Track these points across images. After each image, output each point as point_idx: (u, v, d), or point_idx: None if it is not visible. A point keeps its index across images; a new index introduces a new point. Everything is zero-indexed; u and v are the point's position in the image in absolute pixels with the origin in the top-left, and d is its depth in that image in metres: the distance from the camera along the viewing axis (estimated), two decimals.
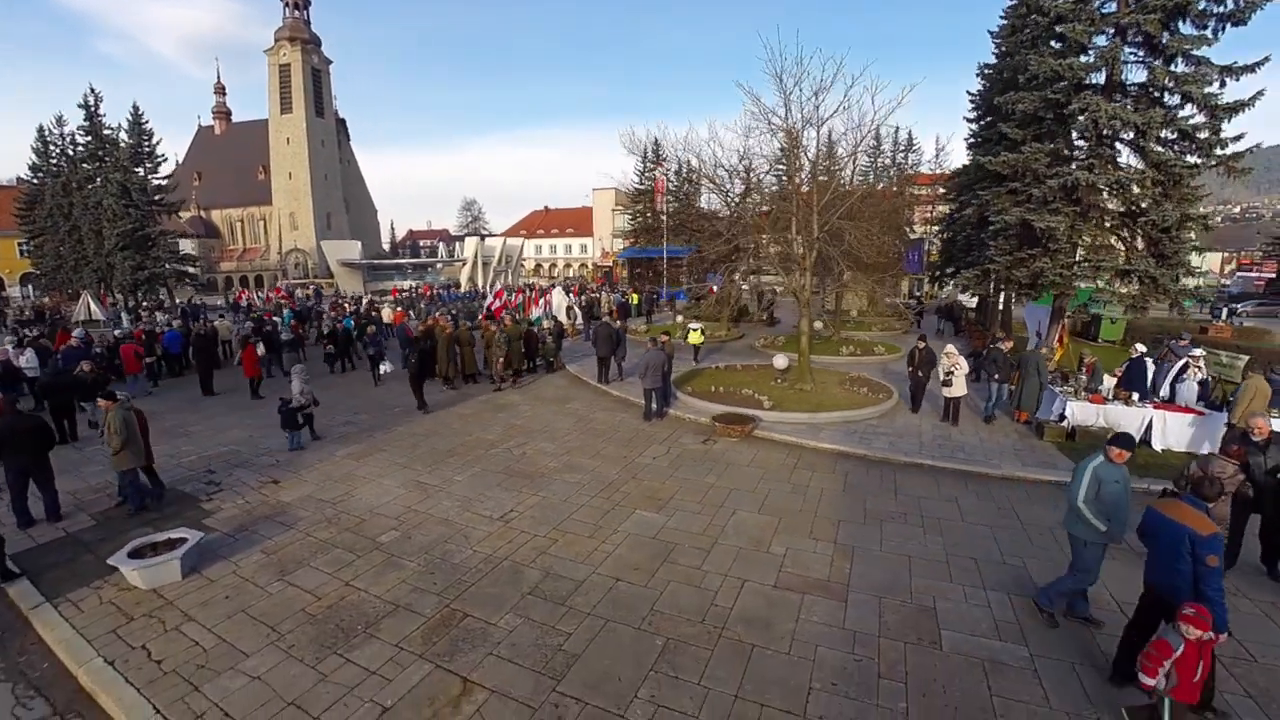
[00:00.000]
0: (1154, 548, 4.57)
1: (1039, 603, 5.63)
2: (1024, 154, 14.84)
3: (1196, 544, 4.13)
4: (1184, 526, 4.24)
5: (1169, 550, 4.33)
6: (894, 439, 10.93)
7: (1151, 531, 4.59)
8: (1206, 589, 4.08)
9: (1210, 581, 4.08)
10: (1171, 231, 13.91)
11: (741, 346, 22.15)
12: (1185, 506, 4.43)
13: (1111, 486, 5.14)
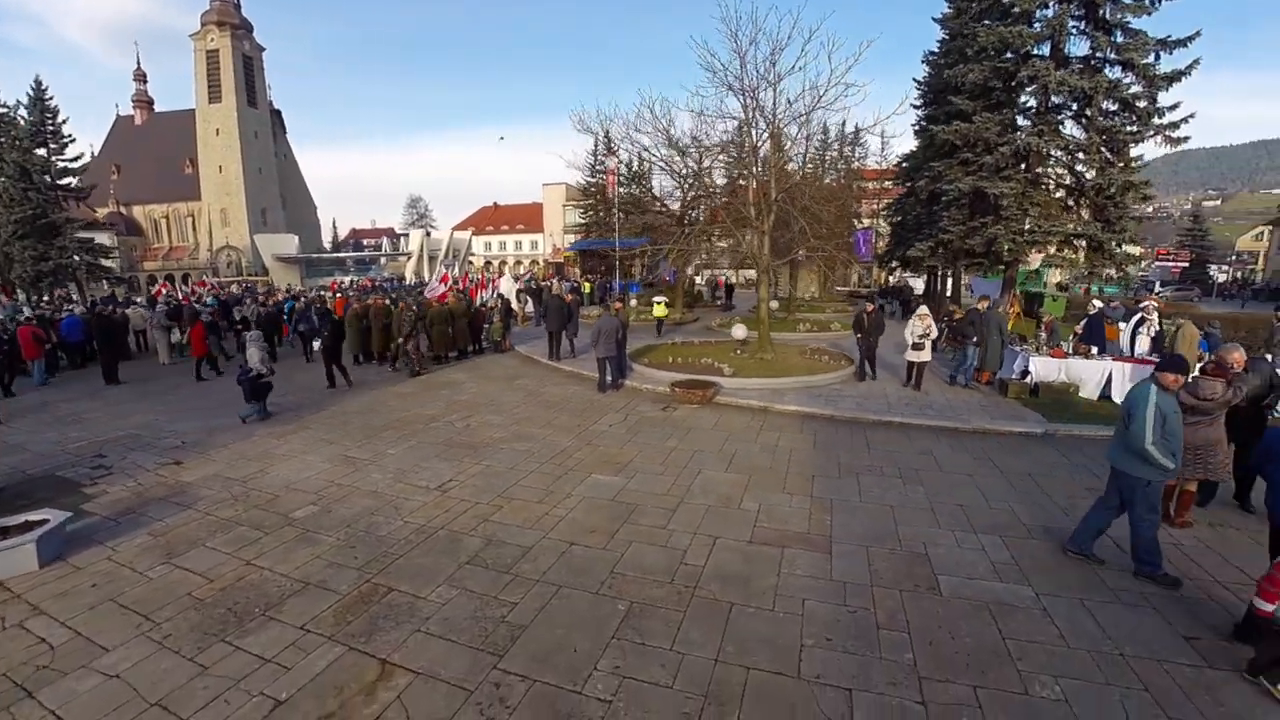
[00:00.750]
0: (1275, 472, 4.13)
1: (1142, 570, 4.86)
2: (975, 123, 14.79)
3: None
4: None
5: None
6: (860, 400, 10.48)
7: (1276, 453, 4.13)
8: None
9: None
10: (1115, 198, 14.08)
11: (697, 328, 21.58)
12: None
13: (1173, 418, 4.64)
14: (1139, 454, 4.62)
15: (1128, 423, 4.72)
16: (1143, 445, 4.55)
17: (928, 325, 10.90)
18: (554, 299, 15.21)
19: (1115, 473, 4.94)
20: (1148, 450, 4.54)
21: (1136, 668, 3.80)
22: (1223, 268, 59.89)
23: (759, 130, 12.60)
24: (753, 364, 12.77)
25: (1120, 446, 4.85)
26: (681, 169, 16.04)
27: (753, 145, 12.62)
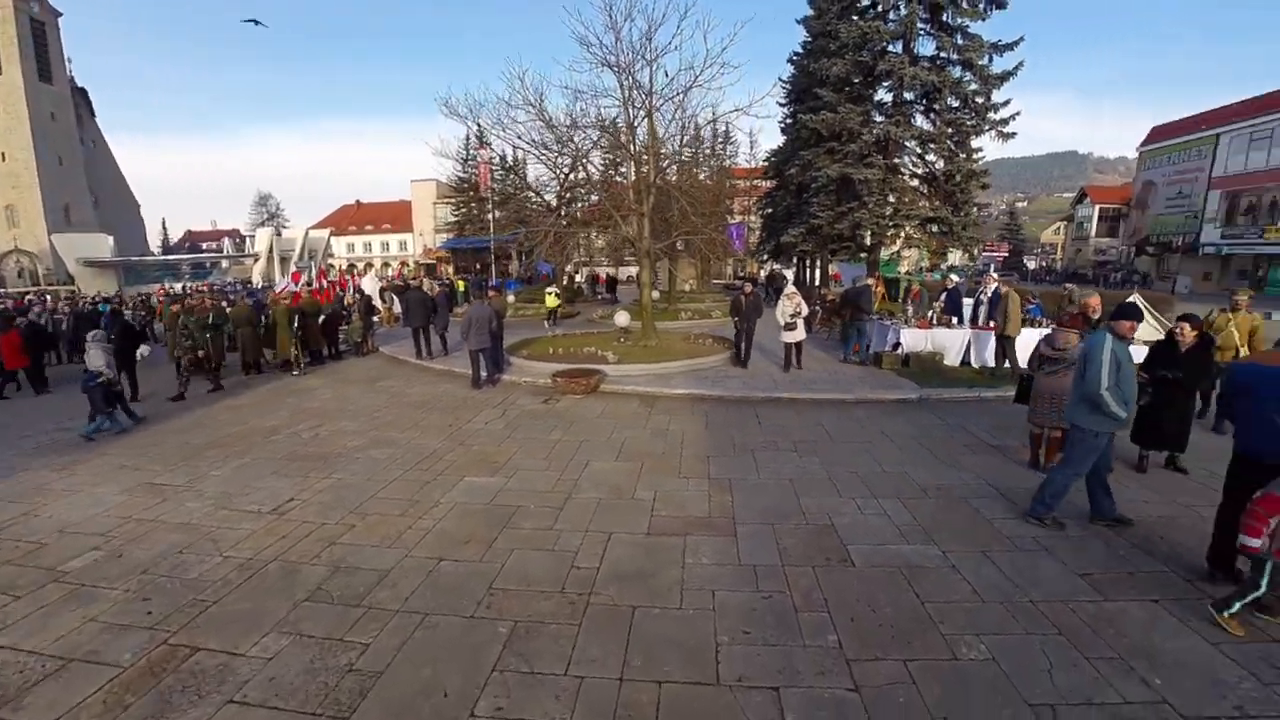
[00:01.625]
0: (1248, 405, 3.99)
1: (1032, 512, 5.03)
2: (840, 113, 15.62)
3: None
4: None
5: (1269, 402, 3.81)
6: (746, 380, 10.46)
7: (1247, 387, 4.02)
8: None
9: None
10: (961, 185, 15.51)
11: (579, 321, 20.99)
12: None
13: (1128, 367, 4.63)
14: (1092, 400, 4.59)
15: (1084, 370, 4.70)
16: (1098, 390, 4.52)
17: (797, 304, 10.95)
18: (416, 293, 13.85)
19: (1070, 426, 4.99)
20: (1103, 395, 4.51)
21: (1046, 612, 3.78)
22: (1032, 256, 70.59)
23: (636, 107, 12.25)
24: (638, 351, 12.41)
25: (1076, 400, 4.86)
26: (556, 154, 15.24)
27: (629, 122, 12.25)
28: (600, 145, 13.98)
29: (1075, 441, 4.84)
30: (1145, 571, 4.30)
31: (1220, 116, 37.40)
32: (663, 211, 14.89)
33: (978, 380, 10.14)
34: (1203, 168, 38.15)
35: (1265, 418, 3.82)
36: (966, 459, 6.68)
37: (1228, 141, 36.42)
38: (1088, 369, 4.64)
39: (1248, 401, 3.97)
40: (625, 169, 12.87)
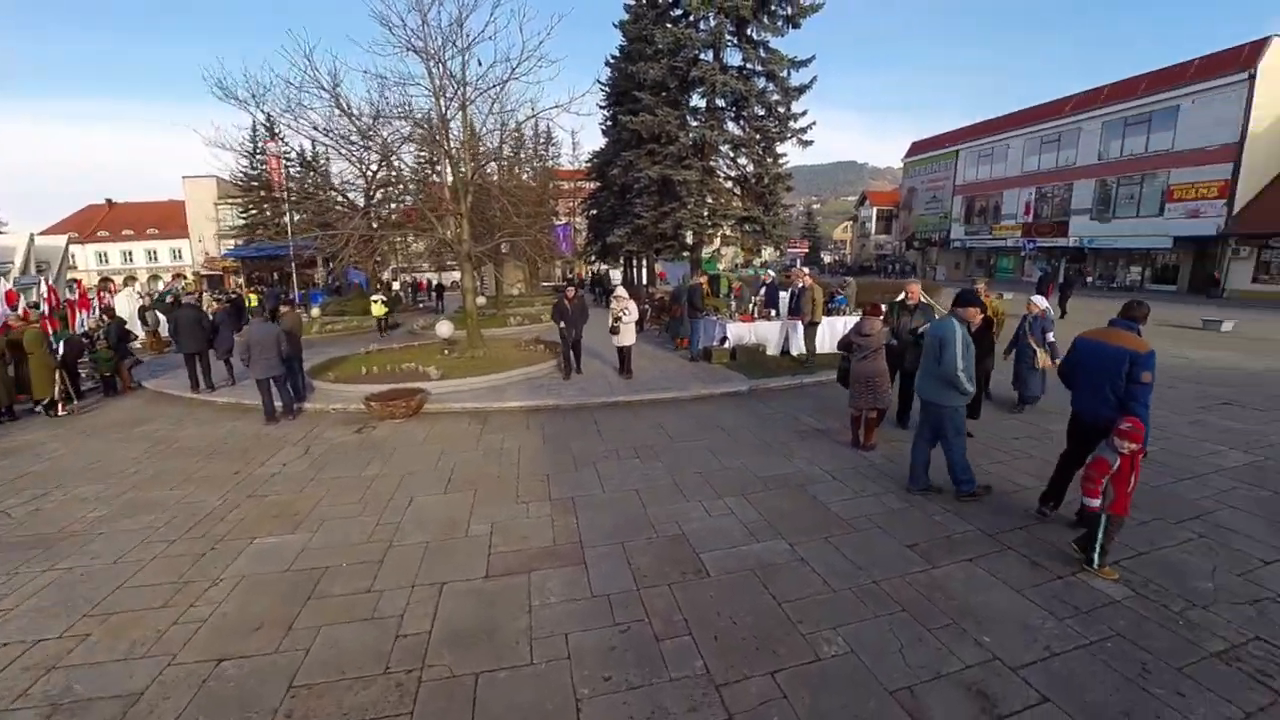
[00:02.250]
0: (1087, 376, 4.61)
1: (962, 491, 5.34)
2: (658, 116, 16.08)
3: (1136, 363, 4.30)
4: (1125, 349, 4.38)
5: (1104, 374, 4.44)
6: (583, 386, 10.20)
7: (1084, 360, 4.65)
8: (1138, 405, 4.28)
9: (1143, 397, 4.30)
10: (770, 187, 16.84)
11: (398, 333, 19.22)
12: (1121, 331, 4.59)
13: (971, 347, 5.12)
14: (950, 381, 5.04)
15: (939, 356, 5.08)
16: (956, 372, 4.99)
17: (624, 306, 10.56)
18: (187, 311, 11.43)
19: (927, 405, 5.38)
20: (959, 376, 4.99)
21: (889, 590, 3.99)
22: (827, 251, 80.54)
23: (449, 99, 11.34)
24: (464, 363, 11.54)
25: (931, 380, 5.26)
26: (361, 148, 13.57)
27: (442, 115, 11.30)
28: (412, 140, 12.75)
29: (945, 418, 5.25)
30: (958, 533, 4.77)
31: (959, 136, 45.70)
32: (483, 212, 14.09)
33: (797, 368, 10.97)
34: (949, 177, 46.34)
35: (1098, 386, 4.49)
36: (797, 446, 7.05)
37: (964, 156, 44.64)
38: (943, 353, 5.05)
39: (1084, 371, 4.64)
40: (441, 166, 11.89)
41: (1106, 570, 4.12)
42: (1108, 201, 34.63)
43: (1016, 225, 40.10)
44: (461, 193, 11.66)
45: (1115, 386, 4.38)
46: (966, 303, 5.32)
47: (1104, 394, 4.45)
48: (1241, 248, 29.34)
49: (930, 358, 5.24)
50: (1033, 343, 7.95)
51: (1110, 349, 4.46)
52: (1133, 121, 33.30)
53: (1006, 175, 40.99)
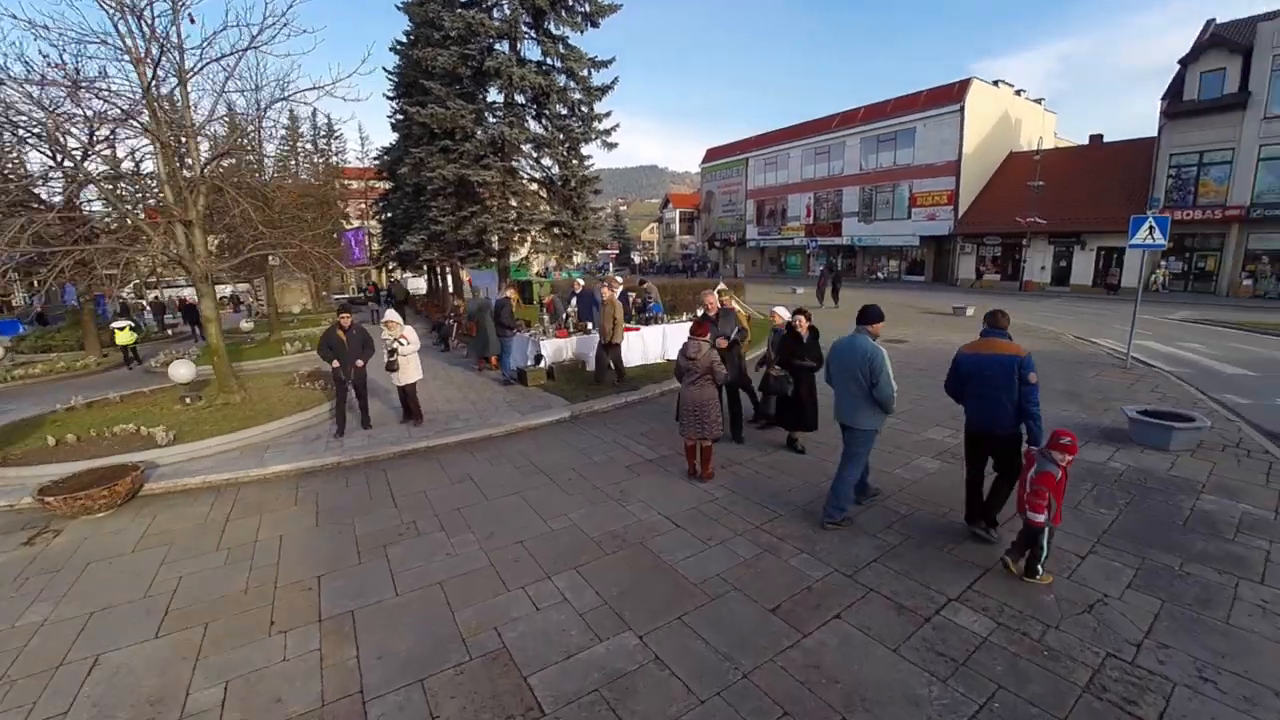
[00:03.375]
0: (979, 388, 4.59)
1: (831, 520, 5.09)
2: (451, 109, 14.40)
3: (1023, 366, 4.38)
4: (1011, 356, 4.44)
5: (997, 384, 4.47)
6: (374, 431, 8.45)
7: (974, 373, 4.62)
8: (1032, 406, 4.38)
9: (1034, 398, 4.40)
10: (577, 190, 16.10)
11: (129, 374, 15.01)
12: (999, 340, 4.59)
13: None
14: (883, 404, 4.82)
15: (872, 379, 4.76)
16: (892, 394, 4.79)
17: (399, 335, 8.41)
18: None
19: (848, 430, 5.06)
20: (893, 398, 4.81)
21: (763, 683, 3.32)
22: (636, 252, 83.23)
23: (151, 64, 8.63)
24: (211, 416, 9.01)
25: (856, 404, 4.91)
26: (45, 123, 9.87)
27: (146, 87, 8.58)
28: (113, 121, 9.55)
29: (860, 441, 4.99)
30: (818, 580, 4.31)
31: (748, 145, 49.79)
32: (225, 218, 11.35)
33: (621, 386, 10.33)
34: (741, 182, 50.26)
35: (994, 397, 4.49)
36: (632, 485, 6.29)
37: (753, 163, 48.73)
38: (877, 376, 4.75)
39: (977, 385, 4.60)
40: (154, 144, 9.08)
41: (1045, 577, 4.21)
42: (870, 206, 40.05)
43: (801, 226, 44.77)
44: (189, 194, 9.06)
45: (1010, 394, 4.43)
46: (874, 319, 5.05)
47: (1001, 403, 4.48)
48: (966, 245, 35.70)
49: (854, 380, 4.88)
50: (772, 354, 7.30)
51: (997, 358, 4.50)
52: (884, 138, 38.86)
53: (789, 181, 45.56)
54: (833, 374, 5.13)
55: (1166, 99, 27.71)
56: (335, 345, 8.17)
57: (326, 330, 8.31)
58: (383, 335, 8.55)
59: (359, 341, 8.32)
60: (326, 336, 8.20)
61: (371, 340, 8.46)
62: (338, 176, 42.67)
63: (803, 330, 6.82)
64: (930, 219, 36.57)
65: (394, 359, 8.35)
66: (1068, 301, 26.45)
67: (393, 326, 8.46)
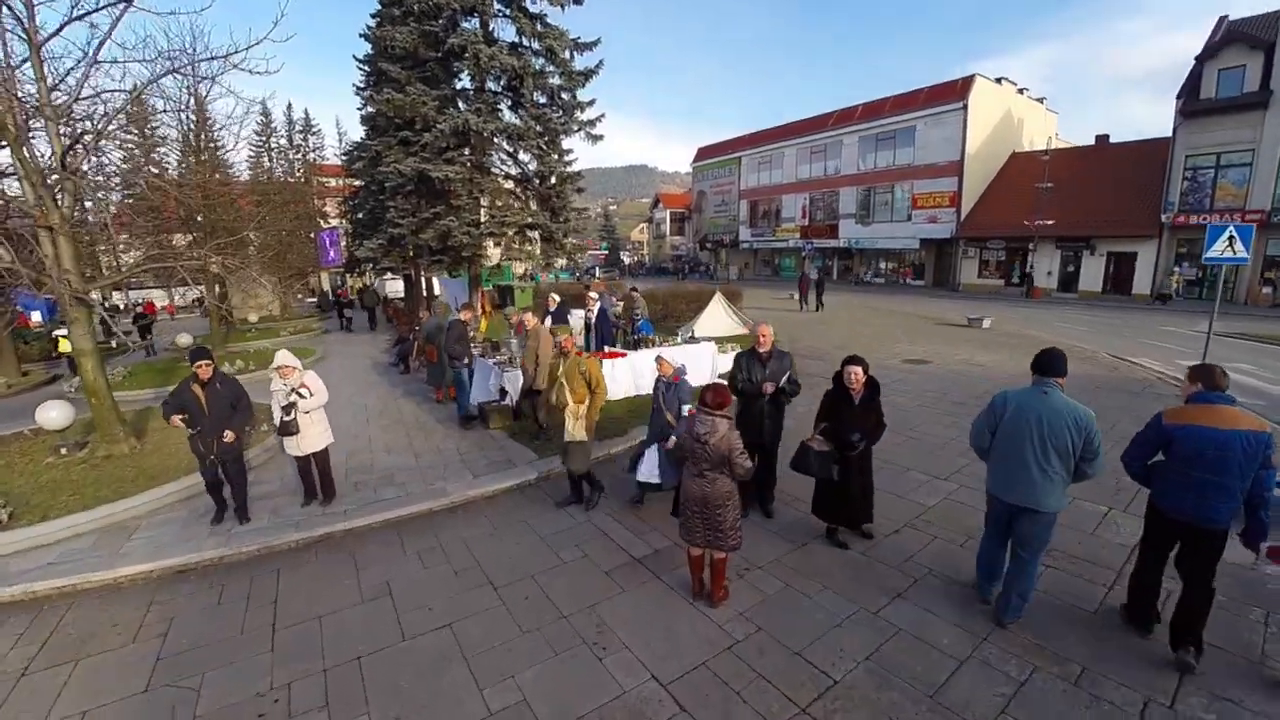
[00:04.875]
0: (1204, 472, 3.45)
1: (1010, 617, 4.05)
2: (410, 94, 12.38)
3: (1269, 447, 3.37)
4: (1259, 434, 3.38)
5: (1227, 467, 3.39)
6: (284, 497, 6.48)
7: (1199, 452, 3.46)
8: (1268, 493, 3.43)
9: (1272, 484, 3.44)
10: (557, 188, 14.14)
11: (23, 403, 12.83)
12: (1227, 409, 3.47)
13: None
14: (1091, 477, 3.83)
15: (1088, 450, 3.70)
16: (1100, 468, 3.78)
17: (296, 383, 6.01)
18: None
19: (1029, 514, 3.87)
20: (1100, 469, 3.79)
21: None
22: (626, 252, 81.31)
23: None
24: (84, 476, 7.01)
25: (1050, 481, 3.76)
26: None
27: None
28: None
29: (1048, 526, 3.88)
30: None
31: (741, 144, 47.92)
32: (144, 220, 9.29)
33: (601, 426, 8.39)
34: (734, 182, 48.40)
35: (1222, 484, 3.41)
36: (614, 612, 4.40)
37: (746, 163, 46.88)
38: (1096, 447, 3.68)
39: (1201, 468, 3.47)
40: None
41: None
42: (868, 207, 38.35)
43: (796, 228, 43.01)
44: (49, 191, 7.02)
45: (1244, 479, 3.39)
46: (1061, 370, 3.86)
47: (1231, 491, 3.42)
48: (969, 248, 34.07)
49: (1051, 450, 3.73)
50: (668, 416, 5.54)
51: (1239, 436, 3.37)
52: (883, 138, 37.15)
53: (784, 181, 43.77)
54: (1002, 440, 3.94)
55: (1182, 97, 26.15)
56: (189, 406, 5.68)
57: (178, 388, 5.83)
58: (272, 385, 6.17)
59: (226, 400, 5.83)
60: (177, 393, 5.76)
61: (246, 397, 6.10)
62: (315, 174, 40.47)
63: (856, 386, 4.92)
64: (931, 221, 34.90)
65: (291, 419, 6.00)
66: (1078, 309, 24.85)
67: (288, 373, 6.02)
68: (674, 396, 5.57)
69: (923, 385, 10.58)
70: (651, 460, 5.54)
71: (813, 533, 5.46)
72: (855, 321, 20.69)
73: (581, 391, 5.98)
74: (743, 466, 4.11)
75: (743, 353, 5.70)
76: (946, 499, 6.22)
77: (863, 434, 4.88)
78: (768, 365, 5.45)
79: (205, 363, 5.71)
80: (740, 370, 5.56)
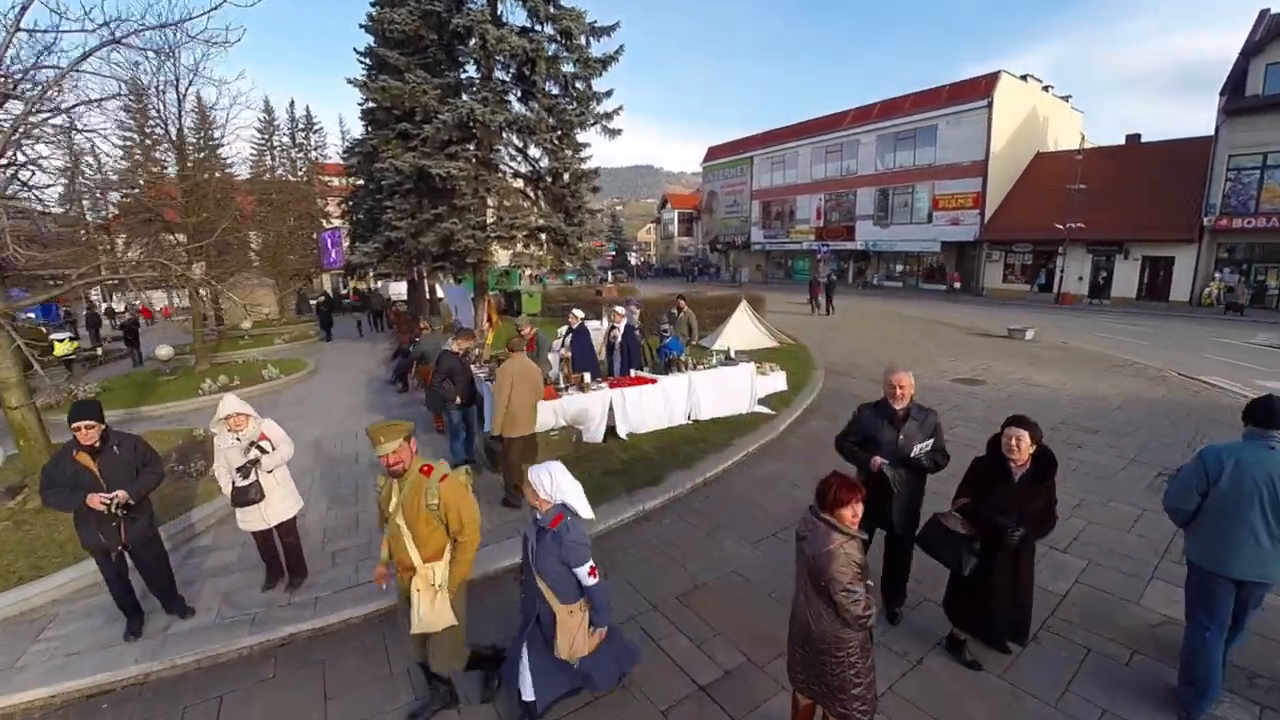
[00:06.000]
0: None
1: None
2: (408, 82, 11.03)
3: None
4: None
5: None
6: (243, 573, 5.14)
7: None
8: None
9: None
10: (571, 187, 12.79)
11: None
12: None
13: None
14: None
15: None
16: None
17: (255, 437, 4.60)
18: None
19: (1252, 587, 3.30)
20: None
21: None
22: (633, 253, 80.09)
23: None
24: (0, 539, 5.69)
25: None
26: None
27: None
28: None
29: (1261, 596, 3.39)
30: None
31: (753, 143, 46.44)
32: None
33: (642, 480, 6.98)
34: (745, 182, 46.95)
35: None
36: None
37: (759, 162, 45.41)
38: None
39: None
40: None
41: None
42: (886, 208, 36.87)
43: (810, 229, 41.54)
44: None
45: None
46: None
47: None
48: (993, 251, 32.59)
49: (1271, 512, 3.10)
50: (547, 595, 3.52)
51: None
52: (902, 136, 35.66)
53: (798, 181, 42.29)
54: (1217, 504, 3.25)
55: (1225, 94, 24.64)
56: (76, 482, 4.13)
57: (59, 454, 4.30)
58: (218, 442, 4.62)
59: (128, 467, 4.31)
60: (57, 466, 4.20)
61: (155, 459, 4.52)
62: (318, 173, 39.22)
63: (1020, 458, 3.54)
64: (954, 224, 33.41)
65: (250, 482, 4.56)
66: (1114, 317, 23.34)
67: (240, 423, 4.58)
68: (553, 554, 3.15)
69: (988, 413, 9.20)
70: (525, 666, 3.26)
71: (934, 636, 4.11)
72: (880, 330, 19.26)
73: (435, 540, 3.28)
74: (849, 611, 2.68)
75: (866, 406, 4.27)
76: (1078, 583, 4.85)
77: (1021, 522, 3.52)
78: (902, 427, 4.04)
79: (87, 424, 4.15)
80: (859, 428, 4.20)
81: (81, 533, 4.26)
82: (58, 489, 4.17)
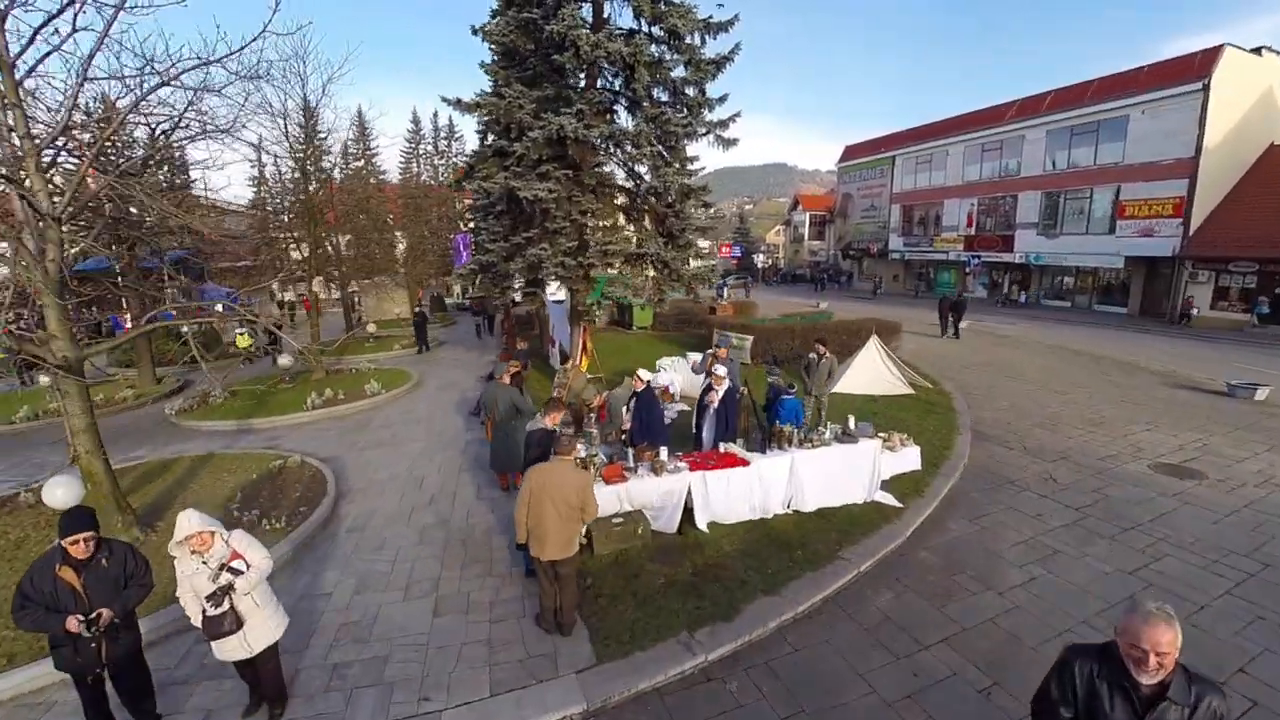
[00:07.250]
0: None
1: None
2: (506, 97, 10.26)
3: None
4: None
5: None
6: (225, 690, 4.37)
7: None
8: None
9: None
10: (676, 206, 11.38)
11: (145, 416, 12.51)
12: None
13: None
14: None
15: None
16: None
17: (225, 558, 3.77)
18: None
19: None
20: None
21: None
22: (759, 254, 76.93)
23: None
24: None
25: None
26: None
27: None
28: None
29: None
30: None
31: (895, 141, 42.03)
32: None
33: (700, 586, 5.48)
34: (885, 184, 42.67)
35: None
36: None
37: (901, 163, 41.00)
38: None
39: None
40: None
41: None
42: (1055, 215, 31.47)
43: (958, 237, 36.71)
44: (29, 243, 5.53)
45: None
46: None
47: None
48: (1200, 271, 26.48)
49: None
50: None
51: None
52: (1080, 131, 30.16)
53: (946, 184, 37.54)
54: None
55: None
56: (54, 601, 3.59)
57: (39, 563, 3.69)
58: (179, 568, 3.78)
59: (113, 582, 3.74)
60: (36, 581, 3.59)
61: (145, 570, 3.91)
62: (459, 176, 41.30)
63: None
64: (1144, 235, 27.56)
65: (223, 611, 3.75)
66: None
67: (204, 542, 3.73)
68: None
69: (1214, 536, 6.39)
70: None
71: None
72: (1040, 369, 15.62)
73: None
74: None
75: (1081, 656, 2.39)
76: None
77: None
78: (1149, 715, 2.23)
79: (85, 536, 3.59)
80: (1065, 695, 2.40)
81: (56, 654, 3.72)
82: (33, 608, 3.59)
